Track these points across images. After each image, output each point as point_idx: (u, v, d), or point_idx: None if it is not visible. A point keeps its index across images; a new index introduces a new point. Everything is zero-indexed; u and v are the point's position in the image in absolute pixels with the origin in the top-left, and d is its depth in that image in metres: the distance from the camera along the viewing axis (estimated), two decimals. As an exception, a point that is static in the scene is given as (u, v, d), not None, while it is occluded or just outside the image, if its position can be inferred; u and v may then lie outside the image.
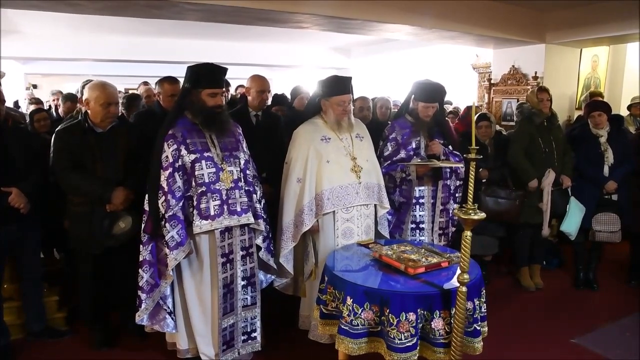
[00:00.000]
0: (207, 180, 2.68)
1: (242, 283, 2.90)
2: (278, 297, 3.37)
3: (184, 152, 2.67)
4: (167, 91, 3.54)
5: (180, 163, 2.67)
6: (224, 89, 2.83)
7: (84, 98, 3.06)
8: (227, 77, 3.01)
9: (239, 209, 2.77)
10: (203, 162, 2.69)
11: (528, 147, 4.21)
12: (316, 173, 3.01)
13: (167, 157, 2.66)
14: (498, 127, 5.14)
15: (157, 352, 3.20)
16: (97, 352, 3.25)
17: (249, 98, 3.67)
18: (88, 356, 3.22)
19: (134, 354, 3.24)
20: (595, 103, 4.47)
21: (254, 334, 2.99)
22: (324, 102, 3.11)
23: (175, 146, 2.67)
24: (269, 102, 4.24)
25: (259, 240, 2.94)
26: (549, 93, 4.23)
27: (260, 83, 3.67)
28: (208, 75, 2.73)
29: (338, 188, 3.01)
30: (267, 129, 3.72)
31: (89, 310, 3.30)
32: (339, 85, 3.05)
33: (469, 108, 5.91)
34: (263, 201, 3.03)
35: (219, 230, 2.74)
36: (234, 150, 2.84)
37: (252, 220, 2.83)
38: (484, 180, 4.22)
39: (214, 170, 2.71)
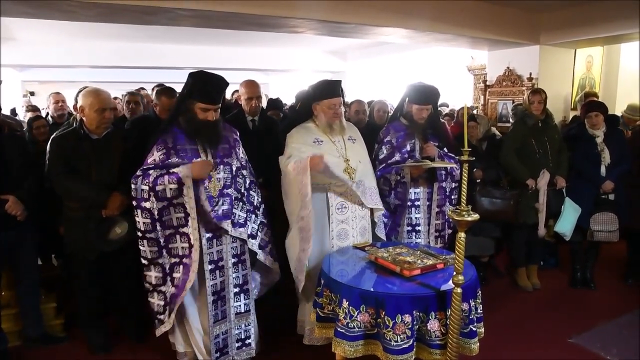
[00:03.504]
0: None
1: (235, 290, 2.89)
2: (277, 303, 3.38)
3: (173, 158, 2.66)
4: (164, 104, 3.55)
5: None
6: (218, 105, 2.75)
7: (78, 105, 3.07)
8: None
9: (221, 216, 2.73)
10: None
11: (521, 149, 4.21)
12: None
13: (154, 160, 2.66)
14: (493, 129, 5.16)
15: (155, 356, 3.20)
16: (94, 357, 3.24)
17: (242, 104, 3.68)
18: (85, 362, 3.22)
19: (131, 358, 3.23)
20: (591, 104, 4.49)
21: (248, 341, 2.99)
22: (315, 106, 3.13)
23: (164, 151, 2.66)
24: (264, 105, 4.24)
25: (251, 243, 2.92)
26: (541, 95, 4.22)
27: (248, 90, 3.66)
28: (204, 89, 2.66)
29: None
30: (264, 133, 3.72)
31: (86, 315, 3.30)
32: (328, 89, 3.08)
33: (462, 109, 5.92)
34: (262, 207, 3.03)
35: (206, 237, 2.74)
36: (226, 157, 2.83)
37: (229, 227, 2.77)
38: (478, 181, 4.24)
39: None
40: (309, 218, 2.85)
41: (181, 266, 2.69)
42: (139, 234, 2.67)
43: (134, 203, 2.64)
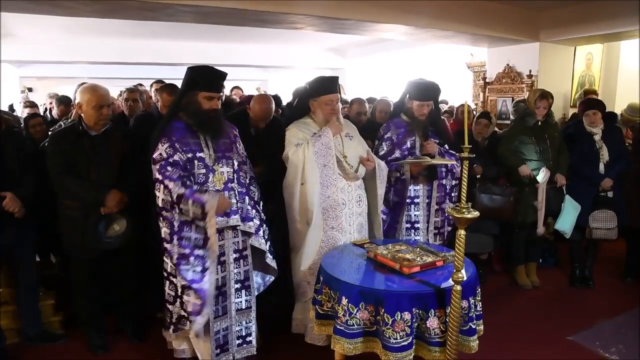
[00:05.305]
0: (196, 181, 2.67)
1: (236, 286, 2.88)
2: (274, 301, 3.38)
3: (178, 152, 2.65)
4: (166, 101, 3.56)
5: (175, 158, 2.63)
6: (220, 94, 2.82)
7: (76, 102, 3.06)
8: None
9: (227, 211, 2.74)
10: (195, 162, 2.68)
11: (521, 146, 4.20)
12: None
13: (160, 154, 2.63)
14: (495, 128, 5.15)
15: (154, 356, 3.20)
16: (93, 356, 3.24)
17: (250, 113, 3.66)
18: (84, 360, 3.21)
19: (130, 358, 3.23)
20: (589, 101, 4.48)
21: (249, 338, 2.98)
22: (312, 103, 3.14)
23: (169, 143, 2.64)
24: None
25: (253, 240, 2.90)
26: (548, 100, 4.16)
27: (259, 110, 3.63)
28: (207, 78, 2.71)
29: None
30: (267, 135, 3.69)
31: (84, 314, 3.29)
32: (326, 85, 3.10)
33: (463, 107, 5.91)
34: (262, 203, 3.02)
35: None
36: (227, 151, 2.82)
37: (240, 222, 2.79)
38: (478, 177, 4.23)
39: (204, 171, 2.70)
40: (336, 194, 2.99)
41: (191, 258, 2.62)
42: (157, 210, 2.63)
43: (159, 177, 2.59)
